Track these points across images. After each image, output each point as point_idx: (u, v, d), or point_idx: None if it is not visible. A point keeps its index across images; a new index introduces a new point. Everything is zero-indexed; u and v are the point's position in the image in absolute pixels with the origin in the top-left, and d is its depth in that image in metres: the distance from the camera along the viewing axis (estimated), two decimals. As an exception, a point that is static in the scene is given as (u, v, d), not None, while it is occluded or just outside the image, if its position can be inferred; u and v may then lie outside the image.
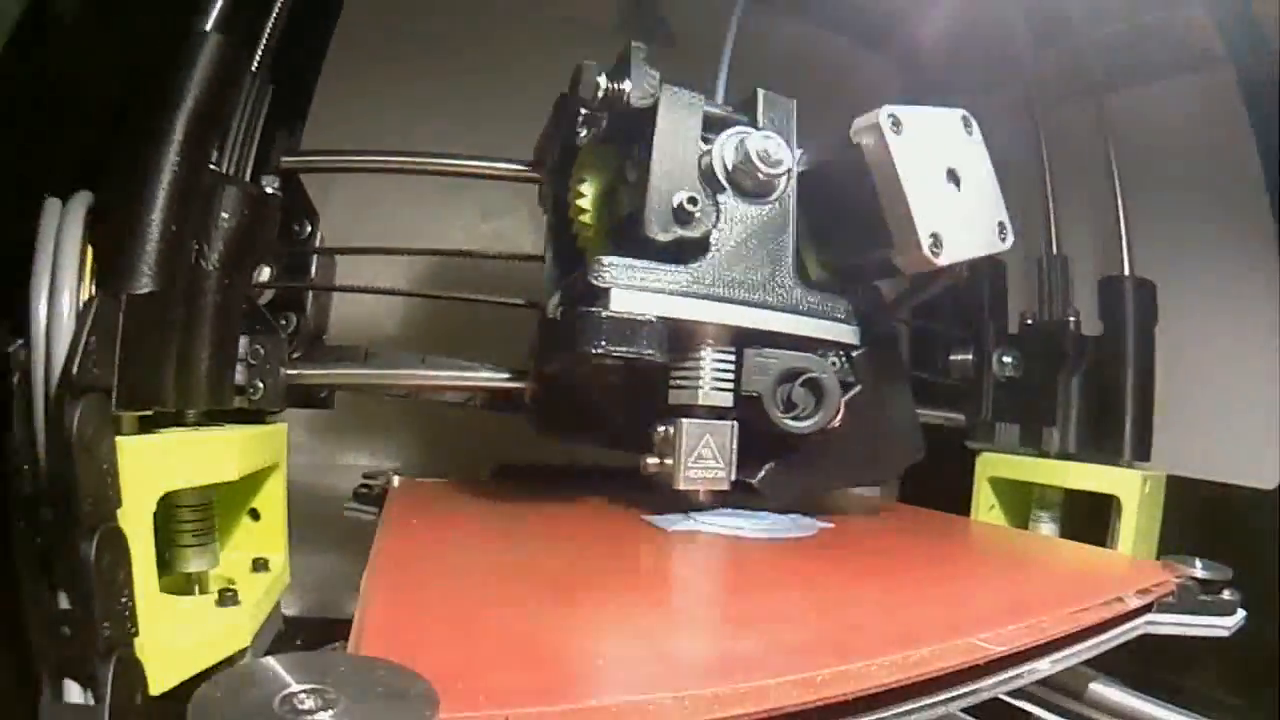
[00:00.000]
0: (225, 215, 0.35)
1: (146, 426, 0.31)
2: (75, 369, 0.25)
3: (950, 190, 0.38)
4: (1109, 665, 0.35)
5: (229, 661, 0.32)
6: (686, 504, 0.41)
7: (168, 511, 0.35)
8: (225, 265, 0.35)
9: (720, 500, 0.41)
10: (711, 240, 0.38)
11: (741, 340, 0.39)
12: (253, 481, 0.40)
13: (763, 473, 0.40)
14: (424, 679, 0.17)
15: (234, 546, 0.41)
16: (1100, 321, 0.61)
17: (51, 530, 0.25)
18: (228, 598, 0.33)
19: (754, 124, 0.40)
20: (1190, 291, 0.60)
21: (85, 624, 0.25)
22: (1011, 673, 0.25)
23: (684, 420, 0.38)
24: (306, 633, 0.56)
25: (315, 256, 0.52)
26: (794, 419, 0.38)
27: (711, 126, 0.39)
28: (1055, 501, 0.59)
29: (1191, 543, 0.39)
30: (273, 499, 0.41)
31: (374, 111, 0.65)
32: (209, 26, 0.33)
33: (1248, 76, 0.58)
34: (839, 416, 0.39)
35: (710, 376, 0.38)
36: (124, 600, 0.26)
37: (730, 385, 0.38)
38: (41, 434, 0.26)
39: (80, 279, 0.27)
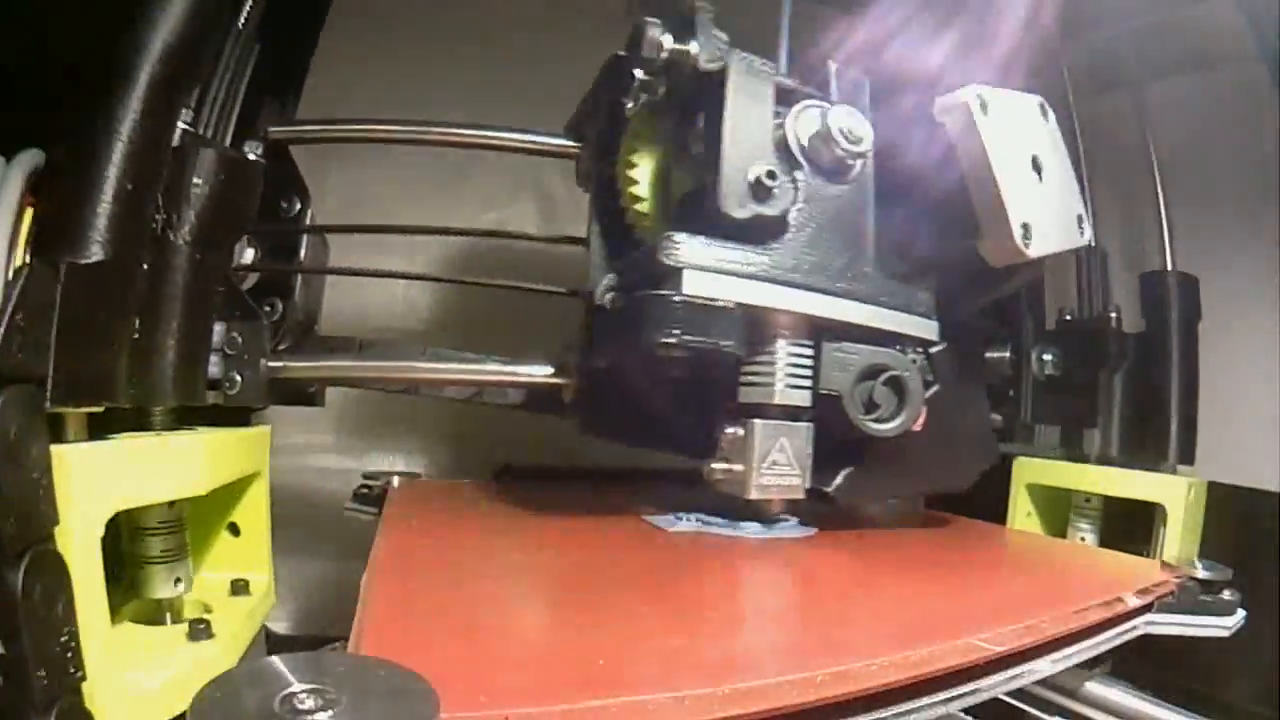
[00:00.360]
0: (198, 181, 0.30)
1: (97, 430, 0.26)
2: (-5, 352, 0.20)
3: (1035, 179, 0.36)
4: (1131, 673, 0.35)
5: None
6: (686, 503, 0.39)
7: (131, 528, 0.31)
8: (198, 239, 0.30)
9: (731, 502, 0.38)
10: (789, 220, 0.34)
11: (817, 333, 0.35)
12: (231, 492, 0.35)
13: (839, 479, 0.37)
14: (424, 679, 0.17)
15: (211, 566, 0.36)
16: (1141, 318, 0.59)
17: (-27, 556, 0.21)
18: (200, 630, 0.29)
19: (826, 99, 0.36)
20: (1216, 289, 0.58)
21: (19, 669, 0.20)
22: (1011, 673, 0.24)
23: (757, 421, 0.34)
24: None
25: (305, 237, 0.47)
26: (876, 421, 0.35)
27: (781, 99, 0.35)
28: (1095, 508, 0.57)
29: (1227, 550, 0.39)
30: (255, 512, 0.37)
31: (371, 93, 0.61)
32: (188, -35, 0.28)
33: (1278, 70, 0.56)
34: (921, 418, 0.36)
35: (785, 373, 0.34)
36: (64, 639, 0.22)
37: (806, 383, 0.35)
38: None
39: (12, 247, 0.23)
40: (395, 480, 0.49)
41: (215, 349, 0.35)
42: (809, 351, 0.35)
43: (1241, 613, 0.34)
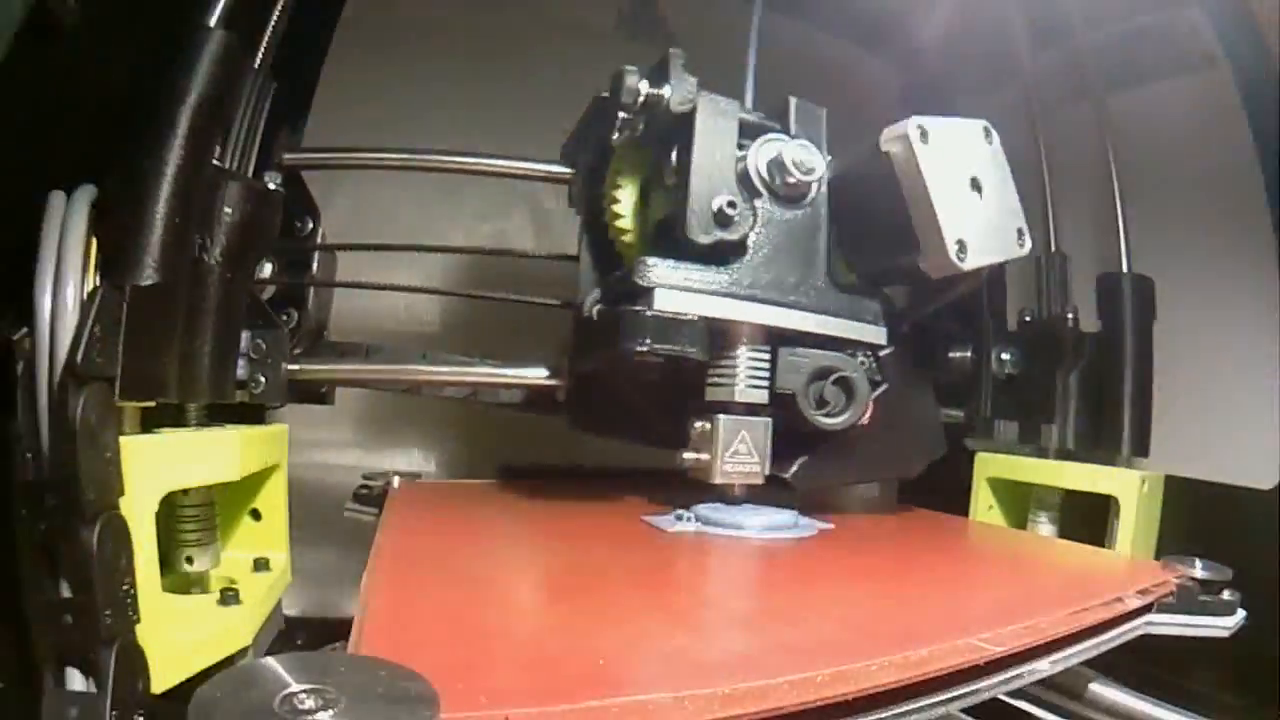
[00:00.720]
0: (228, 210, 0.35)
1: (148, 424, 0.31)
2: (80, 358, 0.25)
3: (974, 198, 0.39)
4: (1108, 666, 0.35)
5: (230, 661, 0.31)
6: (689, 497, 0.42)
7: (170, 510, 0.35)
8: (228, 260, 0.35)
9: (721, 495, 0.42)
10: (748, 243, 0.39)
11: (775, 340, 0.40)
12: (254, 482, 0.39)
13: (795, 467, 0.41)
14: (424, 679, 0.17)
15: (235, 546, 0.40)
16: (1099, 318, 0.61)
17: (54, 517, 0.25)
18: (229, 597, 0.33)
19: (786, 131, 0.41)
20: (1188, 291, 0.60)
21: (87, 611, 0.25)
22: (1011, 673, 0.25)
23: (721, 416, 0.38)
24: (307, 633, 0.55)
25: (316, 253, 0.52)
26: (826, 416, 0.39)
27: (745, 133, 0.39)
28: (1054, 501, 0.59)
29: (1190, 543, 0.39)
30: (274, 499, 0.41)
31: (373, 109, 0.64)
32: (213, 22, 0.32)
33: (1245, 76, 0.58)
34: (868, 413, 0.40)
35: (745, 374, 0.39)
36: (125, 588, 0.26)
37: (765, 383, 0.39)
38: (45, 422, 0.26)
39: (84, 270, 0.27)
40: (395, 480, 0.49)
41: (242, 354, 0.39)
42: (766, 356, 0.39)
43: (1241, 613, 0.34)
